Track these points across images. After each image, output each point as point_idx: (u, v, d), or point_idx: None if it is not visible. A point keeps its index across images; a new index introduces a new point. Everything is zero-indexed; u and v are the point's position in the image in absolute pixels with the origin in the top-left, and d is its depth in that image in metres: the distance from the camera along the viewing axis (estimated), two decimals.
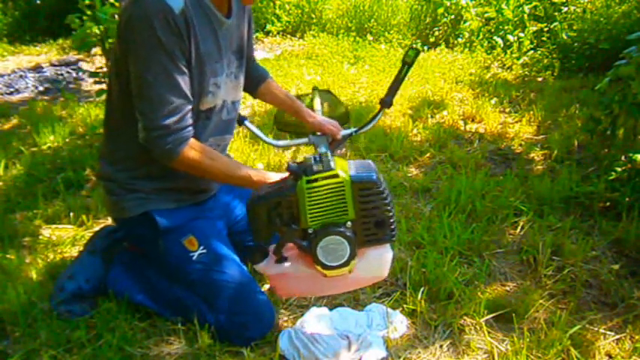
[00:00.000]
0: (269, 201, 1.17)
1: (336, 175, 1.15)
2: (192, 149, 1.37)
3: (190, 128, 1.37)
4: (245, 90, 1.71)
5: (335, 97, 3.25)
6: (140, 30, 1.28)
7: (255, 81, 1.76)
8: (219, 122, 1.54)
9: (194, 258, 1.48)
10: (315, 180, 1.15)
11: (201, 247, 1.50)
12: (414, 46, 1.57)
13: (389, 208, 1.18)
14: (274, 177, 1.37)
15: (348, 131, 1.70)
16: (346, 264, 1.19)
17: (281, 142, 1.79)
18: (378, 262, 1.26)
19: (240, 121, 1.71)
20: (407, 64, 1.54)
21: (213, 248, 1.52)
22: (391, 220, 1.19)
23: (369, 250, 1.23)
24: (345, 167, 1.18)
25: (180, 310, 1.51)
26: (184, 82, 1.34)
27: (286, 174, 1.25)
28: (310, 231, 1.18)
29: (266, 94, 1.79)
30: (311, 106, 2.82)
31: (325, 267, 1.19)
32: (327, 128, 1.71)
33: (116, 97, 1.47)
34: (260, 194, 1.20)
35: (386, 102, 1.61)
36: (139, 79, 1.32)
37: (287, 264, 1.25)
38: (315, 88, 3.25)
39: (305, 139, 1.72)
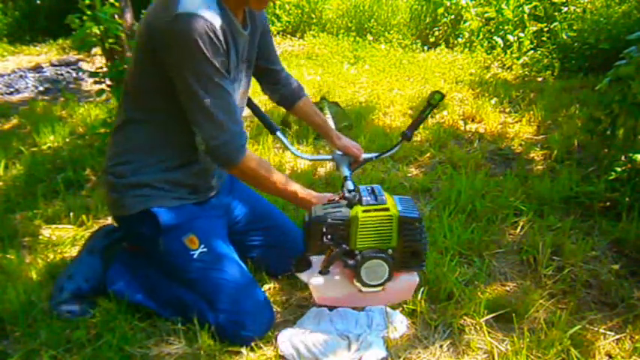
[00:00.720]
0: (326, 222, 1.33)
1: (387, 209, 1.33)
2: (251, 159, 1.44)
3: (246, 135, 1.44)
4: (280, 104, 1.84)
5: (342, 110, 3.28)
6: (186, 48, 1.31)
7: (291, 98, 1.81)
8: None
9: (195, 256, 1.49)
10: (369, 210, 1.33)
11: (202, 246, 1.50)
12: (440, 90, 1.70)
13: (424, 242, 1.38)
14: (316, 195, 1.51)
15: (369, 155, 1.86)
16: (383, 284, 1.38)
17: (307, 156, 1.97)
18: (406, 285, 1.44)
19: (273, 130, 1.80)
20: (431, 105, 1.74)
21: (213, 247, 1.52)
22: (424, 253, 1.39)
23: (401, 274, 1.41)
24: (392, 202, 1.36)
25: (180, 309, 1.51)
26: (233, 92, 1.41)
27: (327, 194, 1.49)
28: (357, 252, 1.36)
29: (300, 112, 1.85)
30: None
31: (364, 284, 1.38)
32: (352, 151, 1.80)
33: (136, 90, 1.48)
34: (318, 214, 1.35)
35: (407, 135, 1.79)
36: (193, 94, 1.35)
37: (328, 276, 1.41)
38: (323, 98, 3.28)
39: (329, 157, 1.89)
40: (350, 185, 1.58)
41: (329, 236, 1.34)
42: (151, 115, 1.49)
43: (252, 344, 1.43)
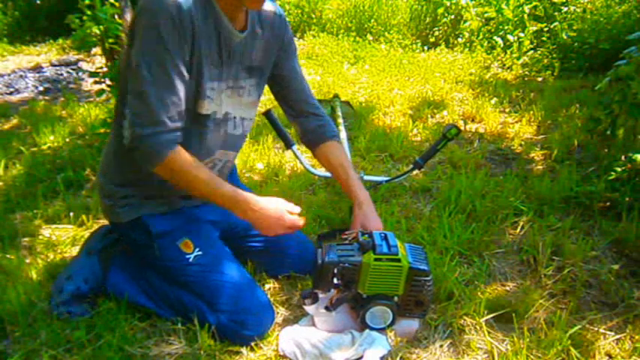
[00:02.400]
0: (338, 264, 1.38)
1: (398, 260, 1.37)
2: (179, 155, 1.33)
3: (179, 133, 1.34)
4: (304, 142, 1.71)
5: (353, 110, 3.30)
6: (145, 23, 1.27)
7: (314, 140, 1.68)
8: (225, 135, 1.52)
9: (190, 260, 1.49)
10: (381, 259, 1.37)
11: (197, 249, 1.50)
12: (456, 124, 1.72)
13: (430, 293, 1.43)
14: (261, 202, 1.40)
15: (378, 179, 1.89)
16: (385, 329, 1.44)
17: (321, 173, 1.97)
18: (407, 329, 1.48)
19: (289, 145, 1.80)
20: (446, 138, 1.78)
21: (208, 249, 1.52)
22: (428, 304, 1.44)
23: (402, 320, 1.47)
24: (404, 252, 1.40)
25: (181, 310, 1.51)
26: (180, 83, 1.32)
27: (272, 198, 1.44)
28: (364, 296, 1.41)
29: (321, 157, 1.68)
30: (332, 115, 2.88)
31: (367, 326, 1.43)
32: (368, 225, 1.57)
33: (124, 85, 1.44)
34: (331, 256, 1.39)
35: (418, 164, 1.86)
36: (135, 72, 1.29)
37: (333, 313, 1.45)
38: (336, 96, 3.29)
39: None
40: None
41: (339, 278, 1.39)
42: None
43: (252, 344, 1.43)
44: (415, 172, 2.09)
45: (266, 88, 1.65)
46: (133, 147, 1.32)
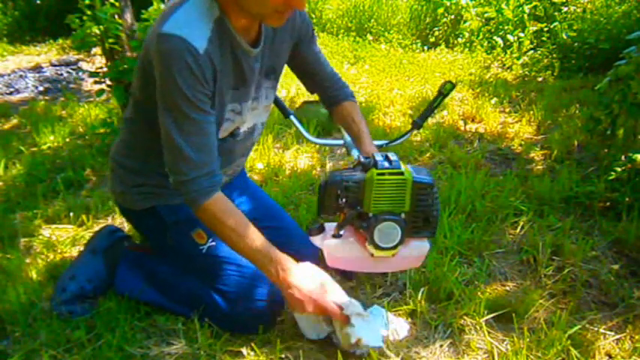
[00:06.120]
0: (341, 183, 1.34)
1: (401, 173, 1.34)
2: (215, 203, 1.32)
3: (217, 178, 1.33)
4: (325, 108, 1.75)
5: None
6: (162, 74, 1.23)
7: (331, 105, 1.71)
8: (251, 144, 1.59)
9: (204, 251, 1.50)
10: (384, 173, 1.33)
11: (210, 240, 1.51)
12: (451, 80, 1.72)
13: (436, 208, 1.39)
14: (294, 269, 1.33)
15: (379, 142, 1.84)
16: (395, 247, 1.38)
17: (319, 140, 1.96)
18: (417, 251, 1.44)
19: (287, 114, 1.79)
20: (442, 94, 1.75)
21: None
22: (436, 219, 1.40)
23: (412, 241, 1.42)
24: (407, 169, 1.37)
25: (192, 301, 1.51)
26: (208, 123, 1.29)
27: (305, 264, 1.39)
28: (370, 215, 1.35)
29: (337, 117, 1.72)
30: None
31: (377, 247, 1.37)
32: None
33: (138, 95, 1.45)
34: (334, 176, 1.36)
35: (417, 123, 1.81)
36: (163, 125, 1.28)
37: (341, 240, 1.41)
38: None
39: (341, 141, 1.86)
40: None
41: (344, 199, 1.35)
42: (149, 122, 1.43)
43: (252, 344, 1.43)
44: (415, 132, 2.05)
45: None
46: (177, 190, 1.33)
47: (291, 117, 1.81)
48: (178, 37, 1.20)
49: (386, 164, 1.35)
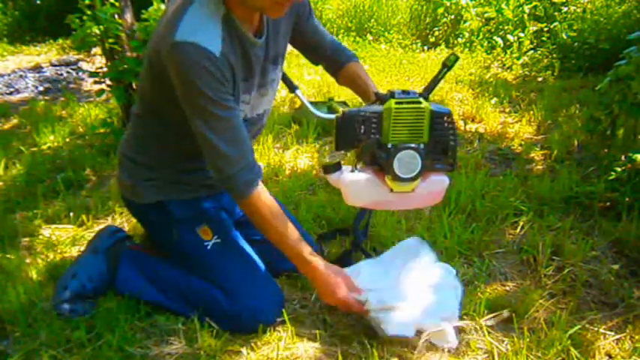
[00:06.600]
0: (359, 115, 1.34)
1: (419, 102, 1.34)
2: (262, 198, 1.38)
3: (257, 169, 1.38)
4: (331, 75, 1.76)
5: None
6: (184, 83, 1.26)
7: (334, 71, 1.73)
8: (260, 129, 1.62)
9: (209, 247, 1.51)
10: (401, 103, 1.33)
11: (215, 237, 1.53)
12: (455, 52, 1.74)
13: (454, 139, 1.38)
14: (321, 265, 1.41)
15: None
16: (414, 179, 1.36)
17: (327, 115, 1.93)
18: (437, 186, 1.43)
19: (292, 89, 1.79)
20: (446, 66, 1.73)
21: (227, 238, 1.54)
22: (454, 150, 1.39)
23: (431, 175, 1.40)
24: (424, 101, 1.36)
25: (194, 299, 1.52)
26: (236, 117, 1.34)
27: (332, 268, 1.43)
28: (389, 146, 1.35)
29: (342, 80, 1.74)
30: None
31: (396, 178, 1.35)
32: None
33: (148, 93, 1.46)
34: (351, 111, 1.36)
35: (423, 96, 1.79)
36: (196, 127, 1.31)
37: (360, 175, 1.40)
38: (331, 99, 3.29)
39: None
40: None
41: (361, 130, 1.35)
42: (162, 120, 1.47)
43: (252, 344, 1.43)
44: None
45: None
46: (225, 188, 1.40)
47: (297, 92, 1.81)
48: (192, 44, 1.22)
49: (403, 95, 1.34)
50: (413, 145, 1.34)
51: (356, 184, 1.41)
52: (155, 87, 1.41)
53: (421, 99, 1.34)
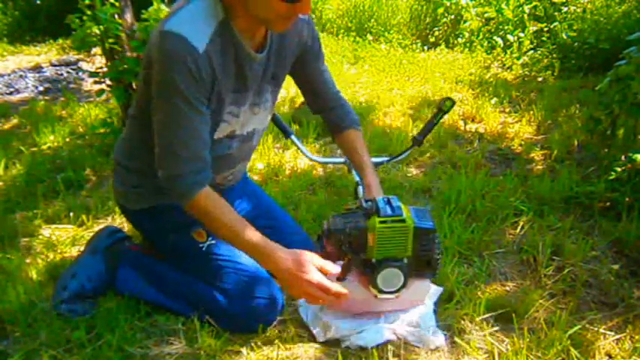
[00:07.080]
0: (344, 231, 1.37)
1: (403, 220, 1.36)
2: (206, 197, 1.32)
3: (206, 174, 1.34)
4: (328, 130, 1.75)
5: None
6: (160, 71, 1.25)
7: (334, 129, 1.70)
8: (249, 149, 1.59)
9: (204, 249, 1.51)
10: (386, 222, 1.35)
11: (210, 239, 1.53)
12: (451, 97, 1.75)
13: (438, 252, 1.43)
14: (282, 255, 1.30)
15: (379, 159, 1.87)
16: (398, 291, 1.42)
17: (320, 159, 1.99)
18: (420, 290, 1.50)
19: (287, 134, 1.81)
20: (442, 111, 1.77)
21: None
22: (437, 262, 1.44)
23: (414, 281, 1.45)
24: (408, 214, 1.39)
25: (192, 299, 1.52)
26: (203, 124, 1.31)
27: (295, 251, 1.34)
28: (373, 261, 1.39)
29: (340, 144, 1.73)
30: None
31: (380, 292, 1.41)
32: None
33: (142, 92, 1.44)
34: (337, 224, 1.39)
35: (417, 140, 1.84)
36: (157, 119, 1.30)
37: (345, 283, 1.42)
38: None
39: (342, 160, 1.93)
40: (361, 190, 1.62)
41: (347, 245, 1.38)
42: (150, 121, 1.46)
43: (252, 344, 1.43)
44: (415, 148, 2.02)
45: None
46: (166, 185, 1.35)
47: (292, 137, 1.82)
48: (179, 35, 1.22)
49: (388, 211, 1.37)
50: (396, 263, 1.38)
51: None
52: (147, 83, 1.39)
53: (405, 216, 1.37)
